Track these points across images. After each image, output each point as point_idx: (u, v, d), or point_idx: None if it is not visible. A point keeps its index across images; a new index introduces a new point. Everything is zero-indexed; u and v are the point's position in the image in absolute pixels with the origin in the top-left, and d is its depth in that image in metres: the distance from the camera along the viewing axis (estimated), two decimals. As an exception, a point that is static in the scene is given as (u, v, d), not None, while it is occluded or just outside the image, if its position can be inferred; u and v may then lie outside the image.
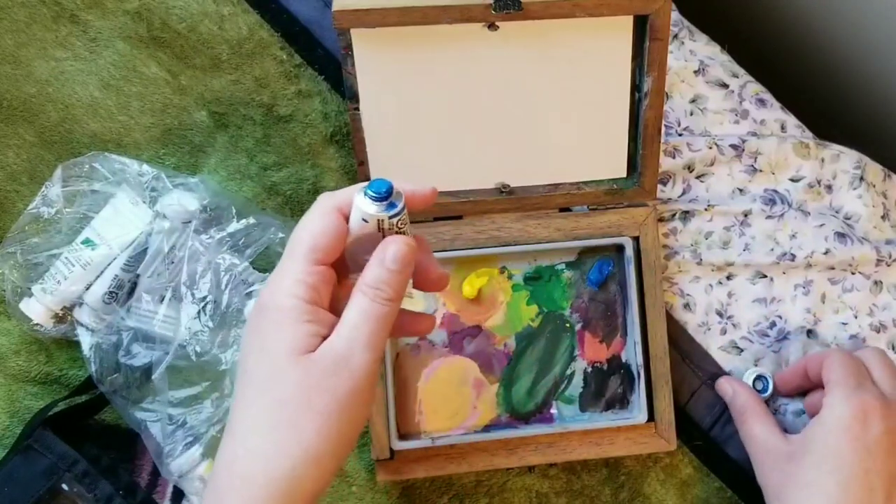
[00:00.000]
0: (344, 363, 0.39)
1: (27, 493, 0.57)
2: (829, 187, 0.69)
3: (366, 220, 0.41)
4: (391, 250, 0.41)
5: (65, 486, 0.57)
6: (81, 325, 0.60)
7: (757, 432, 0.58)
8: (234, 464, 0.39)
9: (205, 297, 0.60)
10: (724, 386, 0.63)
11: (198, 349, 0.60)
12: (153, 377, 0.59)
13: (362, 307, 0.40)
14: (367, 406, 0.41)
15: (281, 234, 0.62)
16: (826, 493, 0.49)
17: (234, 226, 0.62)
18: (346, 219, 0.42)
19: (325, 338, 0.40)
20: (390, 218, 0.41)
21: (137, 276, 0.61)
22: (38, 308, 0.60)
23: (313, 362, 0.39)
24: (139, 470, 0.61)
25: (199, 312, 0.60)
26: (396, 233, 0.42)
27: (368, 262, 0.41)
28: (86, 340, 0.60)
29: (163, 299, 0.61)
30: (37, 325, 0.60)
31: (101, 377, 0.60)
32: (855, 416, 0.51)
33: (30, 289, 0.60)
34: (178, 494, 0.61)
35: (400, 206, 0.41)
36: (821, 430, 0.52)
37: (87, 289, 0.60)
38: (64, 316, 0.61)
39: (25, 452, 0.58)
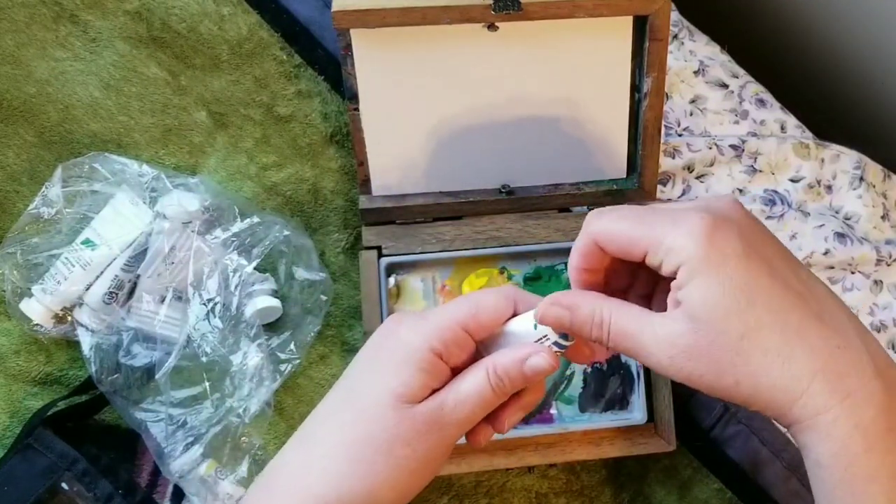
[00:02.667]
0: (438, 427, 0.40)
1: (27, 491, 0.57)
2: (829, 187, 0.69)
3: (536, 329, 0.42)
4: (536, 360, 0.41)
5: (64, 485, 0.57)
6: (81, 325, 0.60)
7: (634, 332, 0.39)
8: (304, 476, 0.40)
9: (213, 299, 0.60)
10: (552, 311, 0.41)
11: (207, 350, 0.60)
12: (157, 377, 0.59)
13: (479, 385, 0.41)
14: (437, 468, 0.42)
15: (286, 232, 0.62)
16: (765, 325, 0.36)
17: (239, 225, 0.62)
18: (515, 313, 0.43)
19: (435, 390, 0.41)
20: (555, 344, 0.41)
21: (137, 276, 0.61)
22: (38, 308, 0.60)
23: (412, 414, 0.40)
24: (139, 470, 0.61)
25: (207, 314, 0.60)
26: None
27: (507, 351, 0.41)
28: (86, 340, 0.60)
29: (163, 300, 0.61)
30: (37, 325, 0.60)
31: (101, 377, 0.60)
32: (705, 238, 0.37)
33: (30, 289, 0.60)
34: (179, 494, 0.61)
35: (570, 343, 0.42)
36: (696, 285, 0.37)
37: (87, 289, 0.60)
38: (64, 316, 0.61)
39: (25, 452, 0.58)
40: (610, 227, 0.40)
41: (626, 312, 0.39)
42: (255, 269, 0.62)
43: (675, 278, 0.38)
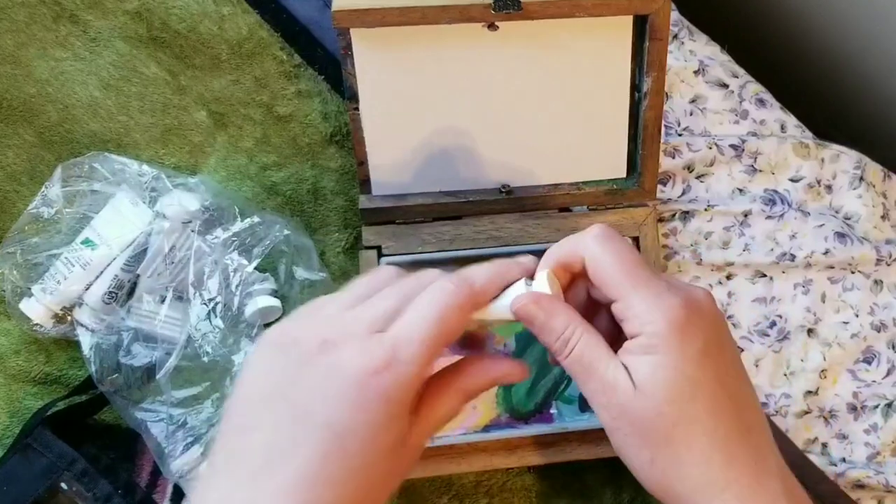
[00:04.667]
0: (422, 444, 0.40)
1: (26, 491, 0.57)
2: (829, 187, 0.69)
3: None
4: (507, 377, 0.42)
5: (64, 486, 0.57)
6: (81, 325, 0.60)
7: (589, 366, 0.39)
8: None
9: (213, 298, 0.60)
10: (529, 310, 0.41)
11: (208, 350, 0.60)
12: (158, 377, 0.59)
13: (452, 410, 0.40)
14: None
15: (286, 232, 0.62)
16: (699, 422, 0.38)
17: (239, 225, 0.62)
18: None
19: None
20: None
21: (137, 276, 0.61)
22: (38, 308, 0.60)
23: (407, 450, 0.39)
24: (139, 470, 0.61)
25: (208, 314, 0.60)
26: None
27: (476, 374, 0.41)
28: (86, 340, 0.60)
29: (164, 300, 0.61)
30: (37, 325, 0.60)
31: (101, 377, 0.60)
32: (676, 325, 0.38)
33: (30, 289, 0.60)
34: (178, 494, 0.61)
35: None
36: (650, 361, 0.38)
37: (87, 289, 0.60)
38: (64, 316, 0.61)
39: (24, 452, 0.58)
40: (604, 261, 0.41)
41: (594, 344, 0.40)
42: (255, 269, 0.62)
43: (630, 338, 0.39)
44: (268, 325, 0.63)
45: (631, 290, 0.39)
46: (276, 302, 0.62)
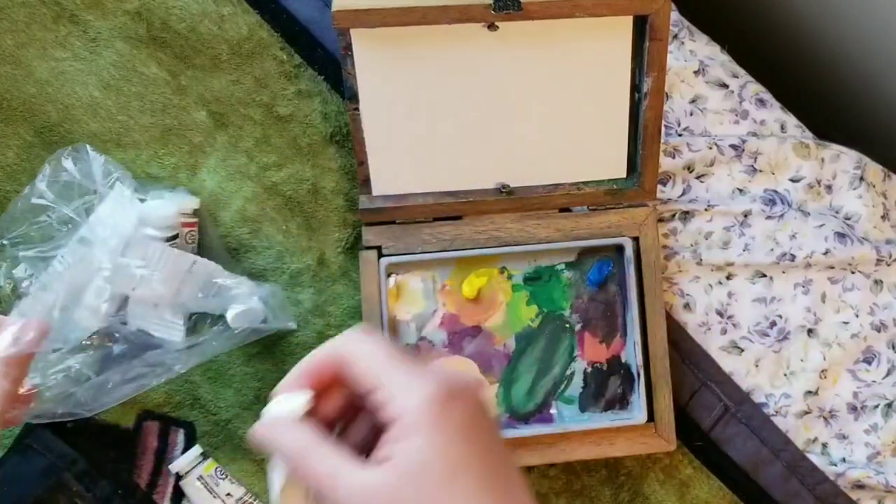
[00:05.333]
0: None
1: (26, 492, 0.57)
2: (829, 187, 0.69)
3: None
4: None
5: (64, 486, 0.57)
6: (80, 324, 0.60)
7: (328, 478, 0.37)
8: None
9: (198, 304, 0.60)
10: (258, 439, 0.40)
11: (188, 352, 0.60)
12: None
13: None
14: None
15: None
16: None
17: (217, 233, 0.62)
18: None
19: None
20: None
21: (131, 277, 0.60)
22: (36, 308, 0.59)
23: None
24: (139, 470, 0.61)
25: (192, 319, 0.60)
26: None
27: None
28: (84, 340, 0.60)
29: (155, 305, 0.60)
30: (36, 324, 0.60)
31: (100, 377, 0.60)
32: (436, 405, 0.38)
33: (27, 288, 0.60)
34: (179, 494, 0.61)
35: None
36: (412, 444, 0.37)
37: (83, 289, 0.60)
38: (61, 316, 0.61)
39: (24, 452, 0.58)
40: (363, 351, 0.39)
41: (324, 455, 0.38)
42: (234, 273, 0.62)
43: (386, 432, 0.37)
44: (256, 330, 0.62)
45: (389, 375, 0.38)
46: (257, 304, 0.61)
